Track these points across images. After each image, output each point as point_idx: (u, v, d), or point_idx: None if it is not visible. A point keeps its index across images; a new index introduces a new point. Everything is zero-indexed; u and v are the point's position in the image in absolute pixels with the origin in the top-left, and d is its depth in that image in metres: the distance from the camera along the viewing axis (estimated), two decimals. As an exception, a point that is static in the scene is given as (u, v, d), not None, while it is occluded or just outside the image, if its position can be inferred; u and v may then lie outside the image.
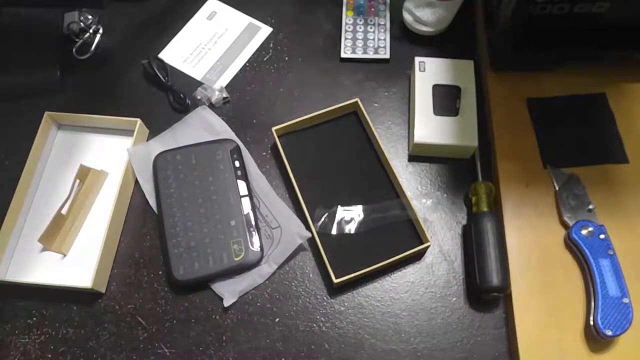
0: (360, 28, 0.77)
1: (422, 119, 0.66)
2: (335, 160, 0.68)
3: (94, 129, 0.71)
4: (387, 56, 0.74)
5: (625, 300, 0.56)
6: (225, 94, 0.72)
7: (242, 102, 0.73)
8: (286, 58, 0.76)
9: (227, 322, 0.60)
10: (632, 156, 0.65)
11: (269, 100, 0.73)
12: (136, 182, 0.68)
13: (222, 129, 0.69)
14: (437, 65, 0.69)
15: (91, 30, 0.76)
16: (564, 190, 0.62)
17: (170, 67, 0.75)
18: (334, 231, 0.63)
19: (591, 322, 0.56)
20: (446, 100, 0.67)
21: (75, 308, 0.61)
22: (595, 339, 0.56)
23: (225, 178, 0.66)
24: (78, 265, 0.63)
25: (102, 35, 0.76)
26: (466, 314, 0.60)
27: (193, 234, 0.63)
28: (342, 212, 0.64)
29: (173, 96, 0.72)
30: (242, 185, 0.65)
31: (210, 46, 0.77)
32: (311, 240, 0.63)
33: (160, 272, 0.63)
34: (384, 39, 0.75)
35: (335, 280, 0.59)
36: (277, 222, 0.64)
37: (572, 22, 0.64)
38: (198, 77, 0.75)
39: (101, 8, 0.72)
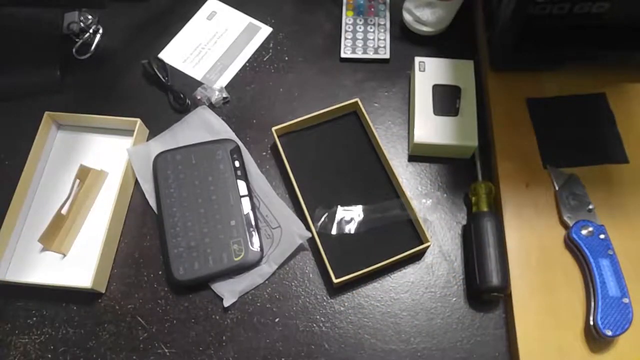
0: (360, 28, 0.77)
1: (422, 119, 0.66)
2: (335, 160, 0.68)
3: (94, 129, 0.71)
4: (387, 56, 0.74)
5: (625, 300, 0.56)
6: (225, 94, 0.72)
7: (242, 102, 0.73)
8: (286, 58, 0.76)
9: (227, 322, 0.60)
10: (632, 156, 0.65)
11: (269, 100, 0.73)
12: (136, 182, 0.68)
13: (222, 129, 0.69)
14: (437, 65, 0.69)
15: (91, 30, 0.76)
16: (564, 190, 0.62)
17: (170, 67, 0.75)
18: (334, 231, 0.63)
19: (591, 322, 0.56)
20: (446, 100, 0.67)
21: (75, 308, 0.61)
22: (595, 339, 0.56)
23: (225, 178, 0.66)
24: (78, 265, 0.63)
25: (102, 35, 0.76)
26: (466, 314, 0.60)
27: (193, 234, 0.63)
28: (342, 212, 0.64)
29: (173, 96, 0.72)
30: (242, 185, 0.65)
31: (210, 46, 0.77)
32: (311, 240, 0.63)
33: (160, 272, 0.63)
34: (384, 39, 0.75)
35: (335, 280, 0.59)
36: (277, 222, 0.64)
37: (572, 22, 0.64)
38: (198, 77, 0.75)
39: (101, 8, 0.72)
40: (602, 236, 0.59)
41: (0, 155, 0.70)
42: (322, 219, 0.64)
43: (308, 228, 0.62)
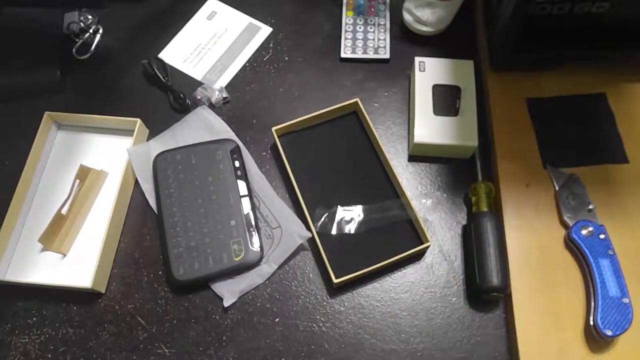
0: (360, 28, 0.77)
1: (422, 119, 0.66)
2: (335, 160, 0.68)
3: (94, 129, 0.71)
4: (387, 56, 0.74)
5: (625, 300, 0.56)
6: (225, 94, 0.72)
7: (242, 102, 0.73)
8: (286, 58, 0.76)
9: (227, 322, 0.60)
10: (632, 156, 0.65)
11: (269, 100, 0.73)
12: (136, 182, 0.68)
13: (222, 129, 0.69)
14: (437, 65, 0.69)
15: (91, 30, 0.76)
16: (564, 190, 0.62)
17: (170, 67, 0.75)
18: (334, 231, 0.63)
19: (591, 322, 0.56)
20: (446, 100, 0.67)
21: (75, 308, 0.61)
22: (595, 339, 0.56)
23: (225, 178, 0.66)
24: (78, 265, 0.63)
25: (102, 35, 0.76)
26: (466, 314, 0.60)
27: (193, 234, 0.63)
28: (342, 212, 0.64)
29: (173, 96, 0.72)
30: (242, 185, 0.65)
31: (210, 46, 0.77)
32: (311, 240, 0.63)
33: (160, 272, 0.63)
34: (384, 39, 0.75)
35: (335, 280, 0.59)
36: (277, 222, 0.64)
37: (572, 22, 0.64)
38: (198, 77, 0.75)
39: (101, 8, 0.72)
40: (602, 236, 0.59)
41: (0, 155, 0.70)
42: (322, 219, 0.64)
43: (308, 228, 0.62)
